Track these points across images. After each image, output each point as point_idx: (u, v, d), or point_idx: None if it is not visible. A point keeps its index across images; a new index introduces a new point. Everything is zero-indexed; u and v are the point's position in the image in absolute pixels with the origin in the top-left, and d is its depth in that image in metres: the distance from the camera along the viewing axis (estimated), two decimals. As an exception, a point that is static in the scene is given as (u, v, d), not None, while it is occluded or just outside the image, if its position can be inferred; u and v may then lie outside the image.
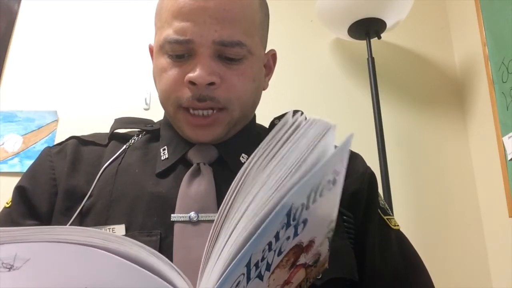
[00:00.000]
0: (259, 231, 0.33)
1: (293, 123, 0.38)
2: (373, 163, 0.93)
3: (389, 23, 1.51)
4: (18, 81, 1.68)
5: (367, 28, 1.51)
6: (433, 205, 1.52)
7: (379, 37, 1.52)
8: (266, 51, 0.68)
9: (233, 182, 0.36)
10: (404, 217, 1.48)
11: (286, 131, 0.38)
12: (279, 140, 0.38)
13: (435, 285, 0.64)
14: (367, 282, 0.60)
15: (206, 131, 0.60)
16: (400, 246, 0.65)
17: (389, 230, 0.65)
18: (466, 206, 1.52)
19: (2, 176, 1.54)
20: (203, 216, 0.54)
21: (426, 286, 0.63)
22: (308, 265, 0.44)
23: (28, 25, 1.76)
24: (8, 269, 0.31)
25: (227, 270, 0.32)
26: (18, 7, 1.78)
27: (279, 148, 0.37)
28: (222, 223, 0.35)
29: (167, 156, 0.62)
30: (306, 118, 0.39)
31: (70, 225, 0.56)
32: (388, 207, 0.68)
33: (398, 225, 0.67)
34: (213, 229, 0.35)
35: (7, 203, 0.62)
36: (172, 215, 0.54)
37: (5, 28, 1.73)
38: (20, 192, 0.61)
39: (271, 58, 0.70)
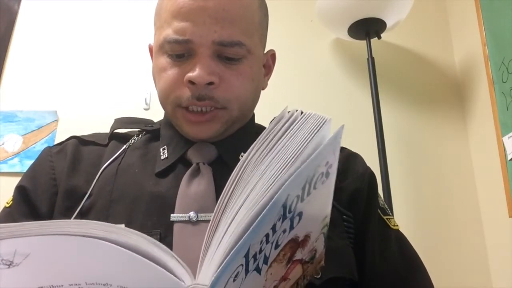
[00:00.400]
0: (257, 220, 0.33)
1: (289, 117, 0.39)
2: (373, 163, 0.93)
3: (389, 23, 1.51)
4: (18, 81, 1.68)
5: (367, 28, 1.51)
6: (433, 205, 1.52)
7: (379, 37, 1.52)
8: (265, 51, 0.68)
9: (232, 175, 0.37)
10: (404, 217, 1.48)
11: (283, 125, 0.39)
12: (276, 134, 0.38)
13: (435, 285, 0.64)
14: (367, 282, 0.60)
15: (203, 127, 0.60)
16: (400, 246, 0.65)
17: (388, 230, 0.65)
18: (466, 206, 1.52)
19: (2, 176, 1.54)
20: (203, 216, 0.54)
21: (425, 286, 0.63)
22: (304, 261, 0.45)
23: (28, 25, 1.76)
24: (7, 266, 0.31)
25: (226, 259, 0.32)
26: (18, 7, 1.78)
27: (276, 142, 0.38)
28: (221, 214, 0.36)
29: (166, 156, 0.62)
30: (302, 113, 0.39)
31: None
32: (387, 207, 0.68)
33: (397, 225, 0.67)
34: (213, 220, 0.36)
35: (7, 203, 0.62)
36: (171, 215, 0.54)
37: (5, 28, 1.73)
38: (21, 191, 0.61)
39: (270, 58, 0.70)
